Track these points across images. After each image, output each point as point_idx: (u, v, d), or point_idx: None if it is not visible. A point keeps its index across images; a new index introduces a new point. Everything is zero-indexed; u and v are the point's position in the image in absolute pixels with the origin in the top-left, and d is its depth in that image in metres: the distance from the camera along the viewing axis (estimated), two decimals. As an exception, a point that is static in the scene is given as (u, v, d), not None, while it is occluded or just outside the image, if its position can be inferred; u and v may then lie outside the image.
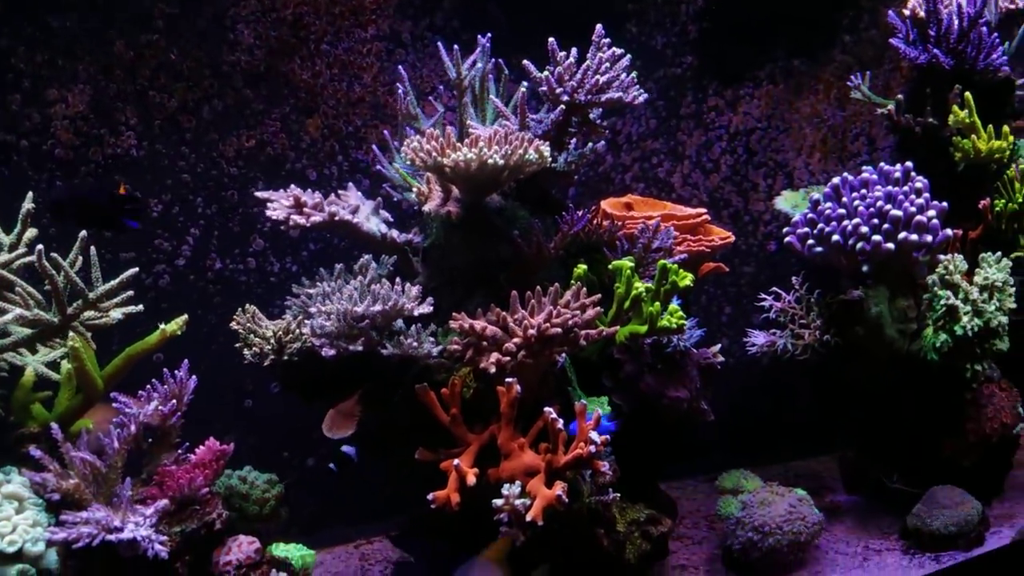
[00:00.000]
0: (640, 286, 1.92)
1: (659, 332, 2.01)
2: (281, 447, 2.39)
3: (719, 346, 2.28)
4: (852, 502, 2.64)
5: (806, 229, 2.27)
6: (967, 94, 2.39)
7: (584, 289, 1.82)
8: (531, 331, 1.69)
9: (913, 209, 2.19)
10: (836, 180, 2.28)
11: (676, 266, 2.05)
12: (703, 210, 2.46)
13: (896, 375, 2.35)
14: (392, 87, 2.33)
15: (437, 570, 2.01)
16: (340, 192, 1.99)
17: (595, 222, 2.18)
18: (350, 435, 1.94)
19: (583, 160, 2.15)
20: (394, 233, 1.94)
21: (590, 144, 2.16)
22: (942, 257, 2.29)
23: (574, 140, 2.15)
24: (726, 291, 2.88)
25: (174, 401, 1.70)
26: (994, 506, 2.52)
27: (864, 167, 2.29)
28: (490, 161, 1.74)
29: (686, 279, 2.03)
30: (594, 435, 1.69)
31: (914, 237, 2.18)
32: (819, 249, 2.25)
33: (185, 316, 1.80)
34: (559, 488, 1.66)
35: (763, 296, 2.45)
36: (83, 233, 1.71)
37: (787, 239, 2.29)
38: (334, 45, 2.34)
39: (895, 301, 2.30)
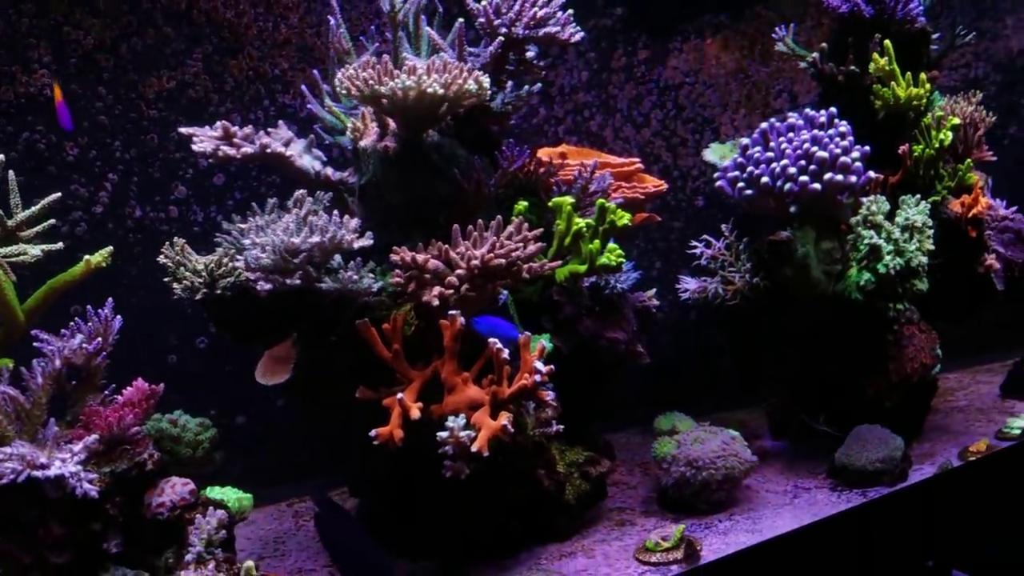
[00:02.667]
0: (580, 222, 1.89)
1: (599, 270, 1.99)
2: (208, 405, 2.28)
3: (654, 290, 2.28)
4: (779, 447, 2.68)
5: (736, 173, 2.28)
6: (887, 42, 2.43)
7: (526, 224, 1.78)
8: (474, 262, 1.65)
9: (838, 151, 2.22)
10: (764, 125, 2.30)
11: (615, 206, 2.04)
12: (637, 159, 2.45)
13: (822, 316, 2.39)
14: (320, 29, 2.24)
15: (369, 523, 1.95)
16: (271, 129, 1.90)
17: (532, 166, 2.14)
18: (285, 380, 1.85)
19: (520, 102, 2.11)
20: (328, 171, 1.87)
21: (527, 86, 2.12)
22: (865, 199, 2.34)
23: (511, 82, 2.11)
24: (656, 246, 2.89)
25: (99, 339, 1.60)
26: (915, 446, 2.60)
27: (790, 113, 2.32)
28: (429, 90, 1.68)
29: (624, 218, 2.02)
30: (539, 365, 1.66)
31: (839, 178, 2.21)
32: (749, 192, 2.26)
33: (110, 248, 1.69)
34: (504, 418, 1.62)
35: (694, 243, 2.46)
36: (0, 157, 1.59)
37: (718, 183, 2.30)
38: (259, -16, 2.24)
39: (820, 243, 2.34)
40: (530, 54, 2.06)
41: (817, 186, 2.20)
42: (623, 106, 2.75)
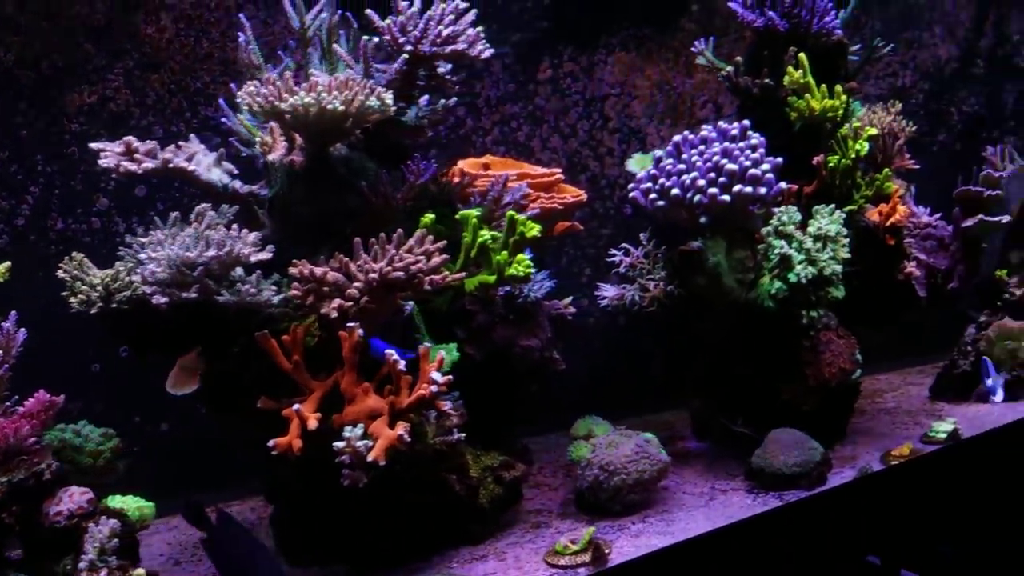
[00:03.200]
0: (486, 234, 1.92)
1: (507, 281, 2.02)
2: (132, 412, 2.30)
3: (570, 298, 2.32)
4: (701, 448, 2.72)
5: (649, 184, 2.32)
6: (801, 55, 2.48)
7: (430, 236, 1.81)
8: (372, 275, 1.68)
9: (748, 163, 2.27)
10: (677, 138, 2.35)
11: (524, 217, 2.07)
12: (558, 170, 2.49)
13: (737, 323, 2.43)
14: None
15: (280, 531, 1.97)
16: (181, 143, 1.92)
17: (447, 178, 2.17)
18: (193, 390, 1.87)
19: (436, 116, 2.14)
20: (236, 184, 1.89)
21: (442, 100, 2.15)
22: (777, 209, 2.38)
23: (427, 96, 2.14)
24: (586, 253, 2.92)
25: (1, 353, 1.61)
26: (837, 449, 2.63)
27: (704, 126, 2.37)
28: (330, 106, 1.70)
29: (534, 229, 2.05)
30: (436, 376, 1.69)
31: (748, 190, 2.26)
32: (661, 203, 2.30)
33: (8, 263, 1.70)
34: (401, 428, 1.65)
35: (613, 252, 2.50)
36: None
37: (631, 194, 2.34)
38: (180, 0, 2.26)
39: (733, 252, 2.38)
40: (443, 69, 2.09)
41: (726, 198, 2.24)
42: (550, 117, 2.78)
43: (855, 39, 2.77)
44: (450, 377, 1.71)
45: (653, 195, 2.31)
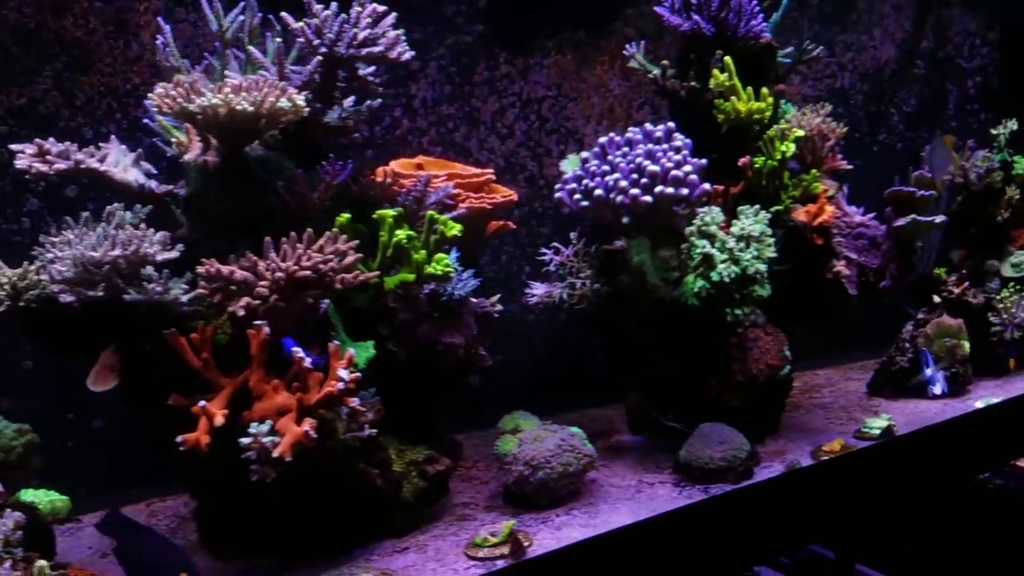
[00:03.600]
0: (401, 234, 1.93)
1: (427, 279, 2.03)
2: (66, 409, 2.30)
3: (497, 296, 2.33)
4: (635, 442, 2.74)
5: (574, 184, 2.34)
6: (727, 59, 2.50)
7: (343, 236, 1.82)
8: (279, 274, 1.68)
9: (670, 165, 2.28)
10: (603, 139, 2.36)
11: (444, 217, 2.08)
12: (489, 170, 2.50)
13: (664, 319, 2.45)
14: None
15: (204, 525, 1.98)
16: (102, 144, 1.92)
17: (371, 177, 2.18)
18: (112, 387, 1.88)
19: (361, 117, 2.15)
20: (152, 184, 1.89)
21: (368, 101, 2.16)
22: (700, 210, 2.40)
23: (353, 97, 2.15)
24: (525, 251, 2.94)
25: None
26: (768, 443, 2.66)
27: (630, 128, 2.38)
28: (238, 107, 1.71)
29: (454, 229, 2.06)
30: (342, 373, 1.70)
31: (670, 190, 2.27)
32: (585, 203, 2.32)
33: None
34: (307, 424, 1.66)
35: (544, 250, 2.52)
36: None
37: (557, 194, 2.35)
38: (109, 3, 2.26)
39: (658, 251, 2.40)
40: (366, 71, 2.10)
41: (648, 199, 2.26)
42: (487, 118, 2.80)
43: (793, 41, 2.79)
44: (358, 375, 1.72)
45: (577, 195, 2.32)
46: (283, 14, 1.92)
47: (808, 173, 2.67)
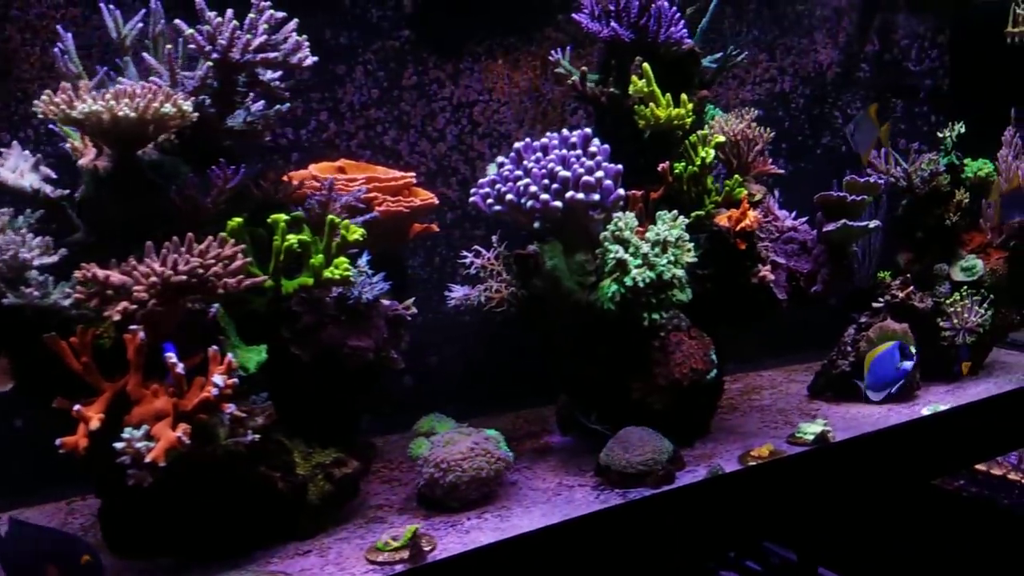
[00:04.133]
0: (293, 238, 1.91)
1: (326, 283, 2.01)
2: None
3: (412, 299, 2.29)
4: (564, 443, 2.70)
5: (487, 189, 2.31)
6: (645, 65, 2.46)
7: (232, 240, 1.80)
8: (153, 279, 1.66)
9: (582, 170, 2.25)
10: (518, 144, 2.33)
11: (346, 221, 2.05)
12: (410, 174, 2.47)
13: (583, 323, 2.41)
14: (91, 51, 2.25)
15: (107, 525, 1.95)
16: (3, 151, 1.91)
17: (273, 180, 2.14)
18: (8, 389, 1.85)
19: (269, 120, 2.13)
20: (48, 189, 1.87)
21: (277, 106, 2.14)
22: (616, 215, 2.36)
23: (263, 102, 2.13)
24: (459, 254, 2.90)
25: None
26: (696, 447, 2.62)
27: (548, 133, 2.35)
28: (121, 113, 1.69)
29: (355, 233, 2.04)
30: (217, 378, 1.67)
31: (581, 196, 2.24)
32: (498, 207, 2.29)
33: None
34: (180, 430, 1.64)
35: (465, 253, 2.49)
36: None
37: (471, 199, 2.32)
38: (25, 11, 2.24)
39: (574, 256, 2.36)
40: (270, 76, 2.07)
41: (559, 204, 2.23)
42: (417, 122, 2.76)
43: (729, 47, 2.74)
44: (235, 380, 1.69)
45: (490, 200, 2.29)
46: (176, 21, 1.90)
47: (731, 178, 2.64)
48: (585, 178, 2.23)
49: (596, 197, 2.25)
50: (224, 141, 2.06)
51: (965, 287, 3.26)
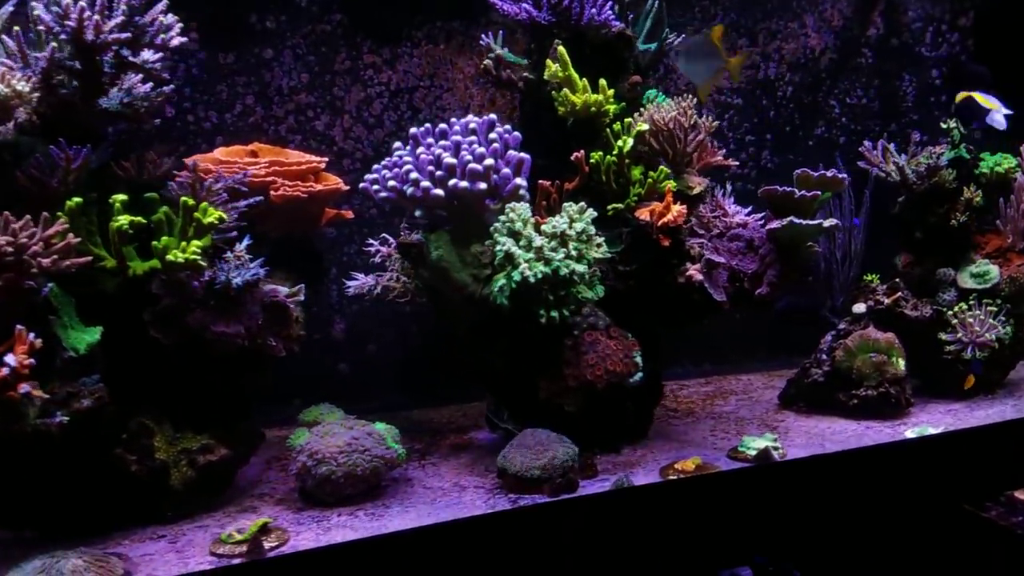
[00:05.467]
0: (124, 220, 1.79)
1: (172, 267, 1.88)
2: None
3: (300, 286, 2.14)
4: (489, 440, 2.49)
5: (375, 175, 2.13)
6: (560, 48, 2.20)
7: (61, 220, 1.71)
8: (-42, 256, 1.58)
9: (470, 158, 2.04)
10: (415, 130, 2.14)
11: (205, 204, 1.92)
12: (319, 159, 2.32)
13: (479, 318, 2.19)
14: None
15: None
16: None
17: (136, 162, 2.04)
18: None
19: (154, 102, 2.02)
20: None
21: (159, 88, 2.03)
22: (508, 206, 2.12)
23: (149, 85, 2.02)
24: (389, 243, 2.74)
25: None
26: (625, 453, 2.36)
27: (452, 119, 2.14)
28: (-54, 94, 1.62)
29: (212, 216, 1.91)
30: (9, 359, 1.58)
31: (464, 184, 2.03)
32: (384, 195, 2.11)
33: None
34: (-31, 409, 1.56)
35: (370, 241, 2.32)
36: None
37: (362, 185, 2.15)
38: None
39: (469, 247, 2.14)
40: (149, 57, 1.96)
41: (440, 192, 2.03)
42: (351, 107, 2.61)
43: (664, 31, 2.43)
44: (32, 360, 1.59)
45: (376, 187, 2.11)
46: (32, 3, 1.81)
47: (676, 169, 2.34)
48: (472, 166, 2.02)
49: (483, 186, 2.04)
50: (100, 123, 1.96)
51: (974, 295, 2.78)
